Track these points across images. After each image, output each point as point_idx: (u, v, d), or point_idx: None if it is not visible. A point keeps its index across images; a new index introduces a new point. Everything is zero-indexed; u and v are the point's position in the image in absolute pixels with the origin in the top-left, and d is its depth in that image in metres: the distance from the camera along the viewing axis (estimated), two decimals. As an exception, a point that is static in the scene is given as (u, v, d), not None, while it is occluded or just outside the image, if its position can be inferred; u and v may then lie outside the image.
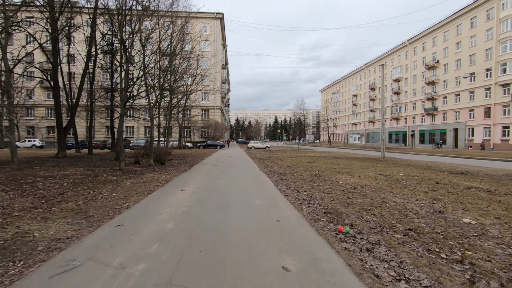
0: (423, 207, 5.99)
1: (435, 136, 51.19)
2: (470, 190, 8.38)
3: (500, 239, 4.11)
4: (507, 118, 38.43)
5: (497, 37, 39.42)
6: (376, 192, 7.73)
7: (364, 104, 77.34)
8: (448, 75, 48.45)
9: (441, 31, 50.28)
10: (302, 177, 10.87)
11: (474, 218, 5.17)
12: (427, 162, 18.84)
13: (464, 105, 45.36)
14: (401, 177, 10.98)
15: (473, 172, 12.90)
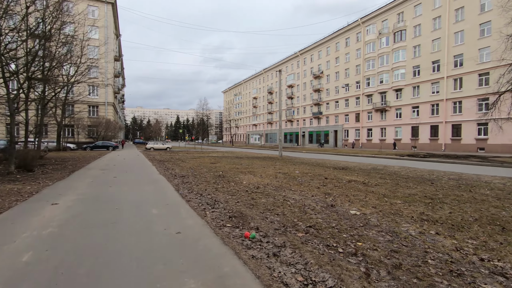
0: (318, 203, 6.47)
1: (321, 136, 59.07)
2: (351, 183, 9.70)
3: (379, 226, 4.71)
4: (371, 122, 47.70)
5: (363, 56, 48.41)
6: (277, 190, 8.02)
7: (263, 106, 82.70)
8: (330, 84, 56.67)
9: (324, 47, 58.38)
10: (205, 179, 10.44)
11: (358, 209, 5.86)
12: (316, 160, 21.34)
13: (341, 111, 53.95)
14: (297, 174, 11.89)
15: (351, 167, 15.19)
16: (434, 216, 5.52)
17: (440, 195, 7.64)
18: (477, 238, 4.25)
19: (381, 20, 45.69)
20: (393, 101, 43.58)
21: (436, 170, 14.40)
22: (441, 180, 10.71)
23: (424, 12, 39.22)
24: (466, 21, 34.35)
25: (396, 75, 42.92)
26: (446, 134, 36.38)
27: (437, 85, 37.78)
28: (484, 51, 32.57)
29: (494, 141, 31.09)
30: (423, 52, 39.24)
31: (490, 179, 11.02)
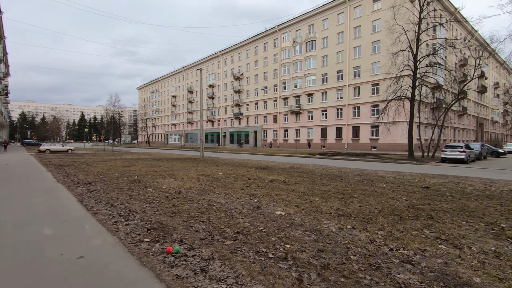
0: (244, 205, 6.35)
1: (241, 137, 60.33)
2: (273, 183, 9.99)
3: (303, 226, 4.84)
4: (287, 124, 51.09)
5: (280, 62, 51.47)
6: (201, 194, 7.59)
7: (183, 105, 79.73)
8: (250, 86, 58.37)
9: (244, 49, 59.81)
10: (117, 185, 9.21)
11: (283, 209, 5.97)
12: (238, 160, 21.54)
13: (261, 112, 56.20)
14: (220, 176, 11.64)
15: (271, 167, 15.79)
16: (348, 210, 6.04)
17: (349, 190, 8.50)
18: (384, 229, 4.78)
19: (295, 29, 49.38)
20: (306, 104, 47.62)
21: (343, 167, 16.22)
22: (348, 176, 12.05)
23: (330, 27, 44.08)
24: (362, 38, 40.04)
25: (308, 81, 47.01)
26: (348, 135, 41.70)
27: (341, 92, 42.95)
28: (375, 65, 38.53)
29: (383, 141, 37.11)
30: (330, 62, 44.09)
31: (384, 173, 12.96)
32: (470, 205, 6.72)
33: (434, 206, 6.57)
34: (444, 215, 5.78)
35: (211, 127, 69.61)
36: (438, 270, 3.14)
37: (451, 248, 3.89)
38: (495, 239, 4.41)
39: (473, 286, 2.81)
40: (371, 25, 38.97)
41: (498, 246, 4.08)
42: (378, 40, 38.01)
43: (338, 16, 43.08)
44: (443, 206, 6.63)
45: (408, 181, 10.63)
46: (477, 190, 8.69)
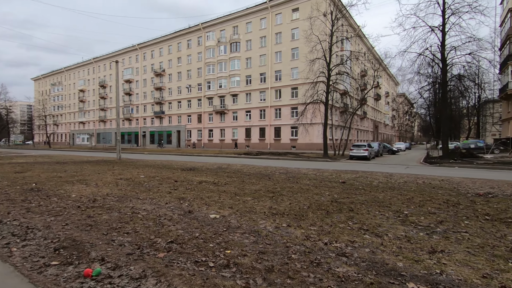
0: (174, 210, 5.86)
1: (163, 137, 57.07)
2: (202, 184, 9.61)
3: (241, 228, 4.71)
4: (212, 124, 50.59)
5: (204, 61, 50.59)
6: (122, 201, 6.71)
7: (94, 101, 70.91)
8: (172, 84, 55.66)
9: (166, 44, 56.70)
10: (7, 196, 7.43)
11: (217, 212, 5.72)
12: (161, 161, 20.17)
13: (184, 111, 54.20)
14: (142, 179, 10.62)
15: (198, 168, 15.26)
16: (280, 208, 6.18)
17: (278, 189, 8.79)
18: (315, 224, 5.03)
19: (219, 29, 49.23)
20: (230, 105, 48.00)
21: (269, 166, 16.83)
22: (274, 174, 12.52)
23: (253, 30, 45.46)
24: (283, 44, 42.56)
25: (232, 81, 47.48)
26: (270, 135, 43.77)
27: (263, 94, 44.76)
28: (294, 70, 41.44)
29: (302, 141, 40.18)
30: (253, 65, 45.48)
31: (306, 171, 13.93)
32: (379, 196, 7.71)
33: (352, 199, 7.30)
34: (361, 207, 6.46)
35: (128, 126, 63.76)
36: (369, 259, 3.42)
37: (373, 237, 4.31)
38: (403, 225, 5.11)
39: (398, 270, 3.13)
40: (291, 33, 41.73)
41: (406, 231, 4.73)
42: (297, 48, 40.95)
43: (261, 21, 44.75)
44: (358, 198, 7.43)
45: (327, 177, 11.65)
46: (382, 183, 10.10)
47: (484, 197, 7.80)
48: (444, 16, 21.28)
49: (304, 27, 39.14)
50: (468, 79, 26.47)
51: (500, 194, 8.17)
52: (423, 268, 3.19)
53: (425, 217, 5.69)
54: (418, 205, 6.76)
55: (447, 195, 7.92)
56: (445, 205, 6.74)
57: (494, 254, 3.71)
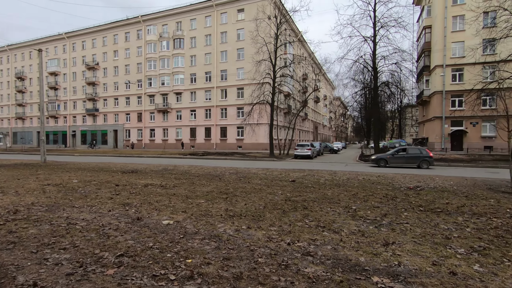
0: (120, 218, 5.24)
1: (97, 136, 51.95)
2: (148, 188, 8.90)
3: (199, 233, 4.41)
4: (153, 123, 47.79)
5: (145, 56, 47.52)
6: (53, 211, 5.77)
7: (9, 96, 61.03)
8: (108, 79, 50.98)
9: (100, 35, 51.68)
10: None
11: (169, 218, 5.29)
12: (97, 164, 18.21)
13: (122, 109, 50.12)
14: (76, 184, 9.38)
15: (141, 170, 14.16)
16: (236, 210, 6.01)
17: (231, 189, 8.60)
18: (274, 224, 4.99)
19: (161, 23, 46.74)
20: (174, 103, 45.96)
21: (218, 166, 16.48)
22: (225, 175, 12.28)
23: (198, 27, 44.26)
24: (228, 44, 42.32)
25: (176, 79, 45.53)
26: (216, 135, 43.18)
27: (209, 93, 43.92)
28: (240, 70, 41.55)
29: (248, 140, 40.49)
30: (198, 63, 44.28)
31: (256, 171, 14.00)
32: (328, 193, 8.09)
33: (304, 197, 7.52)
34: (314, 204, 6.68)
35: (54, 125, 56.39)
36: (333, 257, 3.48)
37: (332, 234, 4.44)
38: (353, 220, 5.40)
39: (362, 265, 3.24)
40: (236, 33, 41.72)
41: (358, 225, 5.00)
42: (242, 48, 41.14)
43: (206, 18, 43.82)
44: (310, 196, 7.68)
45: (277, 176, 11.86)
46: (328, 180, 10.67)
47: (414, 190, 8.79)
48: (375, 28, 23.62)
49: (250, 28, 39.59)
50: (393, 85, 30.09)
51: (426, 187, 9.30)
52: (383, 261, 3.36)
53: (371, 211, 6.12)
54: (363, 200, 7.26)
55: (385, 190, 8.71)
56: (385, 199, 7.38)
57: (435, 242, 4.13)
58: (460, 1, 31.72)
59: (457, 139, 32.09)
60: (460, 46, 31.71)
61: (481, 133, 31.12)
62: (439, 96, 32.54)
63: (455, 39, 31.97)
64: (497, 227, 4.98)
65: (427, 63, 36.14)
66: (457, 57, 31.86)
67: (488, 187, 9.27)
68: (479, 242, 4.13)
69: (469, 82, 30.65)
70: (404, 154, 17.72)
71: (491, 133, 30.68)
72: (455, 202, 7.06)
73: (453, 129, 31.90)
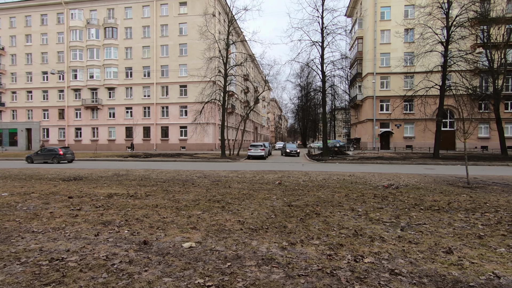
0: (120, 244, 3.95)
1: (3, 136, 43.05)
2: (115, 199, 7.35)
3: (244, 257, 3.57)
4: (80, 121, 41.82)
5: (68, 44, 41.22)
6: (7, 242, 4.09)
7: None
8: (18, 68, 42.72)
9: (6, 15, 42.99)
10: None
11: (185, 238, 4.24)
12: (20, 170, 14.65)
13: (38, 104, 42.59)
14: (8, 199, 7.18)
15: (87, 176, 11.89)
16: (249, 221, 5.25)
17: (217, 196, 7.66)
18: (309, 235, 4.43)
19: (89, 8, 41.19)
20: (106, 99, 41.01)
21: (179, 169, 14.93)
22: (194, 179, 11.09)
23: (134, 17, 40.33)
24: (170, 38, 39.61)
25: (108, 72, 40.68)
26: (157, 135, 40.02)
27: (148, 90, 40.45)
28: (183, 67, 39.32)
29: (192, 141, 38.36)
30: (135, 56, 40.36)
31: (225, 173, 13.07)
32: (321, 196, 7.85)
33: (303, 201, 7.11)
34: (320, 209, 6.31)
35: None
36: (422, 273, 3.10)
37: (382, 243, 4.10)
38: (375, 224, 5.19)
39: (462, 281, 2.94)
40: (178, 27, 39.35)
41: (386, 230, 4.79)
42: (185, 44, 39.03)
43: (144, 8, 40.27)
44: (308, 200, 7.31)
45: (253, 179, 11.20)
46: (307, 181, 10.50)
47: (390, 188, 9.22)
48: (322, 34, 24.86)
49: (193, 24, 37.86)
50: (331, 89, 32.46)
51: (398, 185, 9.86)
52: (475, 273, 3.11)
53: (379, 213, 6.03)
54: (359, 201, 7.20)
55: (369, 189, 8.91)
56: (379, 199, 7.46)
57: (478, 243, 4.14)
58: (387, 18, 35.92)
59: (385, 139, 36.24)
60: (387, 57, 35.88)
61: (404, 134, 35.77)
62: (370, 100, 36.21)
63: (383, 50, 36.01)
64: (499, 222, 5.35)
65: (359, 70, 39.98)
66: (385, 67, 36.00)
67: (448, 182, 10.35)
68: (508, 239, 4.29)
69: (394, 89, 35.06)
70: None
71: (411, 134, 35.59)
72: (438, 198, 7.55)
73: (382, 130, 35.92)
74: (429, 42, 22.92)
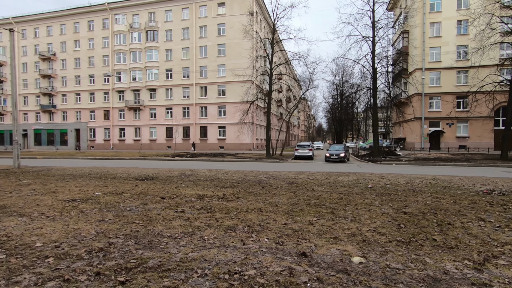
0: (278, 254, 3.61)
1: (55, 136, 45.99)
2: (206, 200, 7.13)
3: (445, 281, 3.06)
4: (123, 121, 43.59)
5: (113, 48, 43.11)
6: (152, 249, 3.90)
7: None
8: (67, 72, 45.43)
9: (57, 22, 45.87)
10: None
11: (342, 252, 3.80)
12: (90, 169, 15.20)
13: (85, 106, 45.00)
14: (108, 199, 7.21)
15: (157, 176, 11.98)
16: (382, 231, 4.72)
17: (313, 200, 7.20)
18: (480, 252, 3.82)
19: (131, 13, 42.79)
20: (147, 100, 42.40)
21: (242, 170, 14.70)
22: (265, 180, 10.75)
23: (174, 20, 41.26)
24: (208, 39, 40.04)
25: (149, 74, 42.00)
26: (196, 135, 40.66)
27: (187, 90, 41.22)
28: (221, 67, 39.57)
29: (230, 140, 38.68)
30: (175, 57, 41.29)
31: (293, 174, 12.64)
32: (427, 202, 7.12)
33: (417, 209, 6.44)
34: (451, 219, 5.64)
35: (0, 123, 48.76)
36: None
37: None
38: None
39: None
40: (217, 28, 39.64)
41: None
42: (224, 44, 39.24)
43: (183, 10, 41.07)
44: (418, 207, 6.64)
45: (327, 181, 10.66)
46: (394, 185, 9.75)
47: (493, 194, 8.23)
48: (373, 28, 23.65)
49: (231, 24, 37.98)
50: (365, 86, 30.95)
51: (500, 190, 8.81)
52: None
53: None
54: (480, 209, 6.38)
55: (471, 195, 8.01)
56: (499, 207, 6.61)
57: None
58: (437, 9, 33.63)
59: (435, 139, 33.97)
60: (437, 51, 33.61)
61: (456, 133, 33.29)
62: (418, 98, 34.11)
63: (433, 44, 33.77)
64: None
65: (404, 66, 37.85)
66: (435, 61, 33.74)
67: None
68: None
69: (445, 85, 32.76)
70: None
71: (465, 133, 33.03)
72: None
73: (432, 129, 33.70)
74: (494, 32, 20.96)
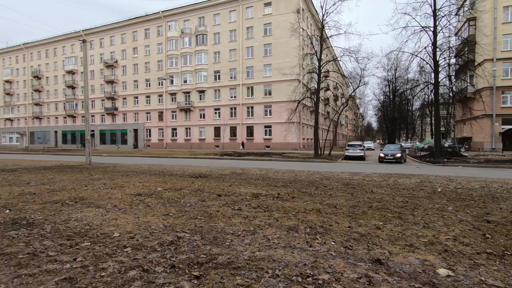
0: (350, 259, 3.40)
1: (117, 136, 50.56)
2: (260, 199, 7.09)
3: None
4: (175, 122, 46.21)
5: (166, 53, 45.93)
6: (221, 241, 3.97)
7: (25, 95, 60.02)
8: (127, 77, 49.56)
9: (118, 32, 50.29)
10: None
11: (425, 261, 3.44)
12: (150, 166, 16.37)
13: (142, 108, 48.67)
14: (170, 195, 7.59)
15: (210, 174, 12.37)
16: (466, 241, 4.17)
17: (374, 203, 6.74)
18: None
19: (183, 19, 45.12)
20: (197, 101, 44.33)
21: (292, 170, 14.57)
22: (316, 180, 10.43)
23: (222, 23, 42.48)
24: (254, 39, 40.44)
25: (199, 76, 43.86)
26: (242, 134, 41.39)
27: (234, 91, 42.17)
28: (267, 67, 39.66)
29: (276, 140, 38.64)
30: (222, 59, 42.53)
31: (346, 175, 12.11)
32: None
33: (502, 217, 5.64)
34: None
35: (71, 124, 55.31)
36: None
37: None
38: None
39: None
40: (263, 28, 39.84)
41: None
42: (270, 44, 39.29)
43: (230, 13, 42.07)
44: (503, 215, 5.81)
45: (386, 183, 9.96)
46: (467, 189, 8.75)
47: None
48: (435, 17, 21.57)
49: (277, 23, 37.83)
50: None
51: None
52: None
53: None
54: None
55: None
56: None
57: None
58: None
59: (508, 139, 29.90)
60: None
61: (537, 132, 28.92)
62: (488, 92, 30.30)
63: (507, 31, 29.78)
64: None
65: (471, 57, 33.95)
66: (509, 50, 29.70)
67: None
68: None
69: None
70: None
71: (548, 131, 28.50)
72: None
73: (505, 127, 29.71)
74: None
